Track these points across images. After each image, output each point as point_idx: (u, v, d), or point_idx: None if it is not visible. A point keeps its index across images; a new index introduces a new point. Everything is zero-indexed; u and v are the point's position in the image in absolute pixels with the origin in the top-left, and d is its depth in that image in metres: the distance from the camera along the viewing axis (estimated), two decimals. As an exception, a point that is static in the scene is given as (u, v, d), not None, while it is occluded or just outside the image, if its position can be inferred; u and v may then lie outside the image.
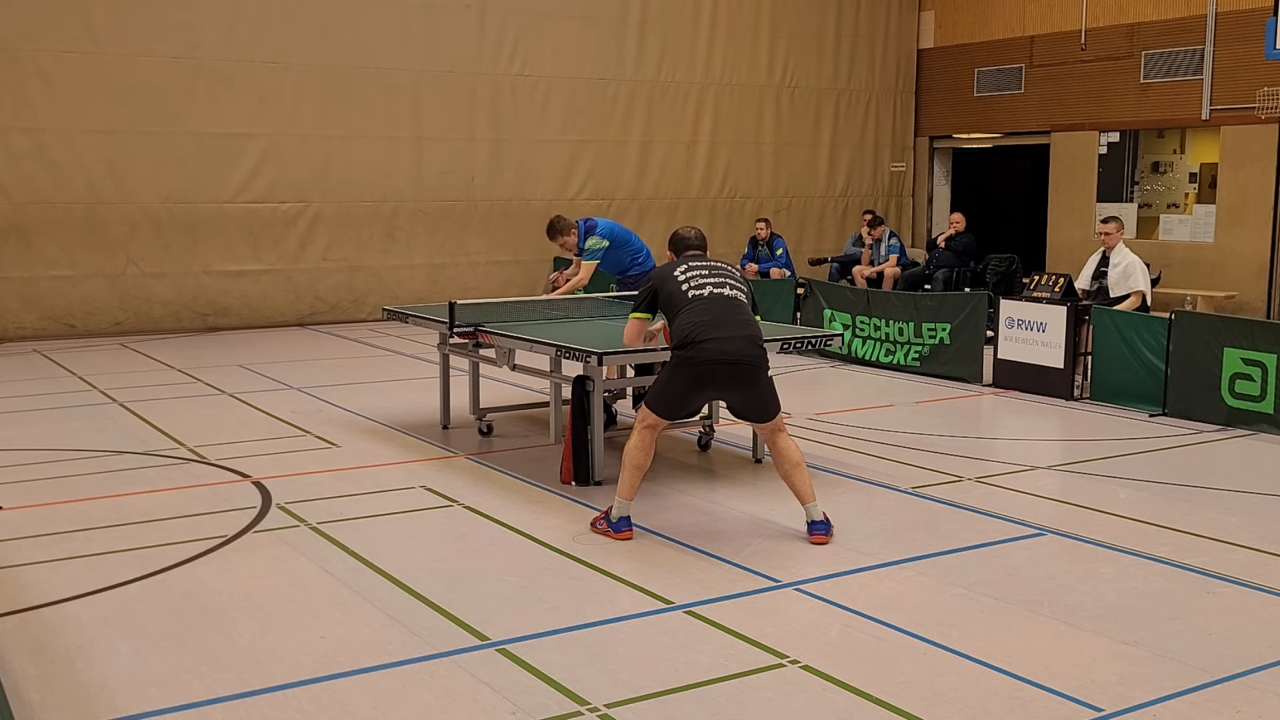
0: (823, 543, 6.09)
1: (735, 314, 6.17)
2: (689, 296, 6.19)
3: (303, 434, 8.80)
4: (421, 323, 8.92)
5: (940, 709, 4.21)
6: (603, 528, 6.23)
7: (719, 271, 6.37)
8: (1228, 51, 15.53)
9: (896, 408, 9.96)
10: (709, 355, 6.01)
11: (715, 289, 6.23)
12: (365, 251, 15.88)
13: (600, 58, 17.22)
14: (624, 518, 6.19)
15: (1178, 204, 17.70)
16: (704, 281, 6.26)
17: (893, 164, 20.06)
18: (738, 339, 6.06)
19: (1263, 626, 5.03)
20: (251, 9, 14.80)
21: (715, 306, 6.14)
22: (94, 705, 4.25)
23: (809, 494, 6.16)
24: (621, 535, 6.15)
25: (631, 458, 6.20)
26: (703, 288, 6.22)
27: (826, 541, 6.10)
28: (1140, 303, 10.52)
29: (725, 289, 6.25)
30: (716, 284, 6.25)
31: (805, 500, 6.16)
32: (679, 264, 6.42)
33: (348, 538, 6.21)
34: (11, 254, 13.80)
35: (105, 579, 5.56)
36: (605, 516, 6.27)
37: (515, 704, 4.25)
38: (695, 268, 6.35)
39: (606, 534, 6.19)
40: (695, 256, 6.53)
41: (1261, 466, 8.03)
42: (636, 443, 6.22)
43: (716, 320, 6.08)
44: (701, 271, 6.32)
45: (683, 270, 6.33)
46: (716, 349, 6.01)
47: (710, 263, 6.42)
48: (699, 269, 6.34)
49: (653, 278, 6.47)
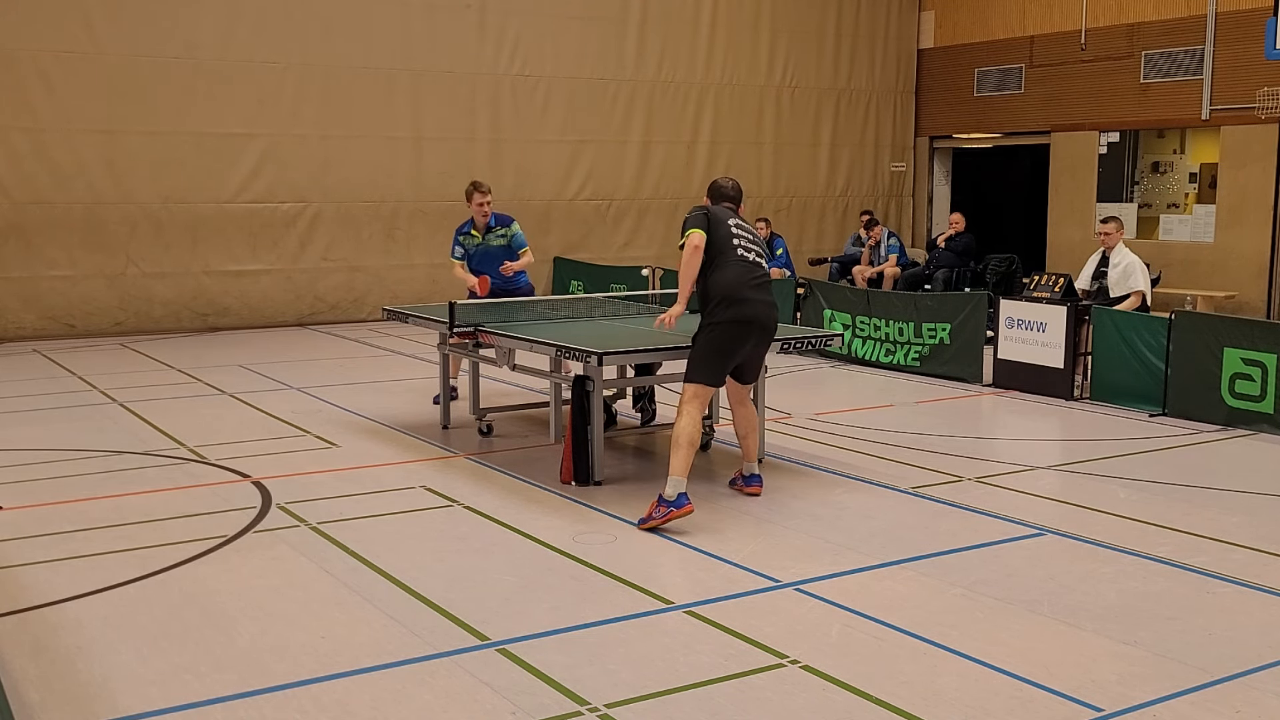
0: (756, 494, 6.86)
1: (767, 281, 6.76)
2: (737, 253, 6.64)
3: (303, 434, 8.81)
4: (421, 323, 8.92)
5: (940, 709, 4.21)
6: (661, 513, 6.28)
7: (755, 240, 6.83)
8: (1228, 51, 15.53)
9: (896, 408, 9.96)
10: (754, 314, 6.57)
11: (757, 256, 6.74)
12: (365, 251, 15.88)
13: (600, 58, 17.22)
14: (682, 494, 6.30)
15: (1178, 204, 17.70)
16: (750, 246, 6.73)
17: (893, 164, 20.06)
18: (769, 304, 6.70)
19: (1263, 626, 5.03)
20: (251, 9, 14.80)
21: (756, 272, 6.67)
22: (94, 705, 4.25)
23: (756, 453, 7.06)
24: (684, 511, 6.26)
25: (686, 436, 6.43)
26: (749, 250, 6.70)
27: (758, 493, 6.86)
28: (1140, 303, 10.52)
29: (752, 254, 6.71)
30: (758, 253, 6.76)
31: (750, 458, 7.01)
32: (724, 214, 6.76)
33: (348, 538, 6.21)
34: (11, 254, 13.81)
35: (105, 579, 5.56)
36: (660, 502, 6.32)
37: (515, 704, 4.25)
38: (740, 227, 6.76)
39: (669, 517, 6.26)
40: (732, 212, 6.87)
41: (1261, 466, 8.03)
42: (688, 420, 6.48)
43: (761, 284, 6.66)
44: (746, 235, 6.76)
45: (733, 224, 6.73)
46: (762, 312, 6.61)
47: (745, 225, 6.82)
48: (743, 231, 6.76)
49: (706, 213, 6.76)
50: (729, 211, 6.85)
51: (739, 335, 6.58)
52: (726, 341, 6.57)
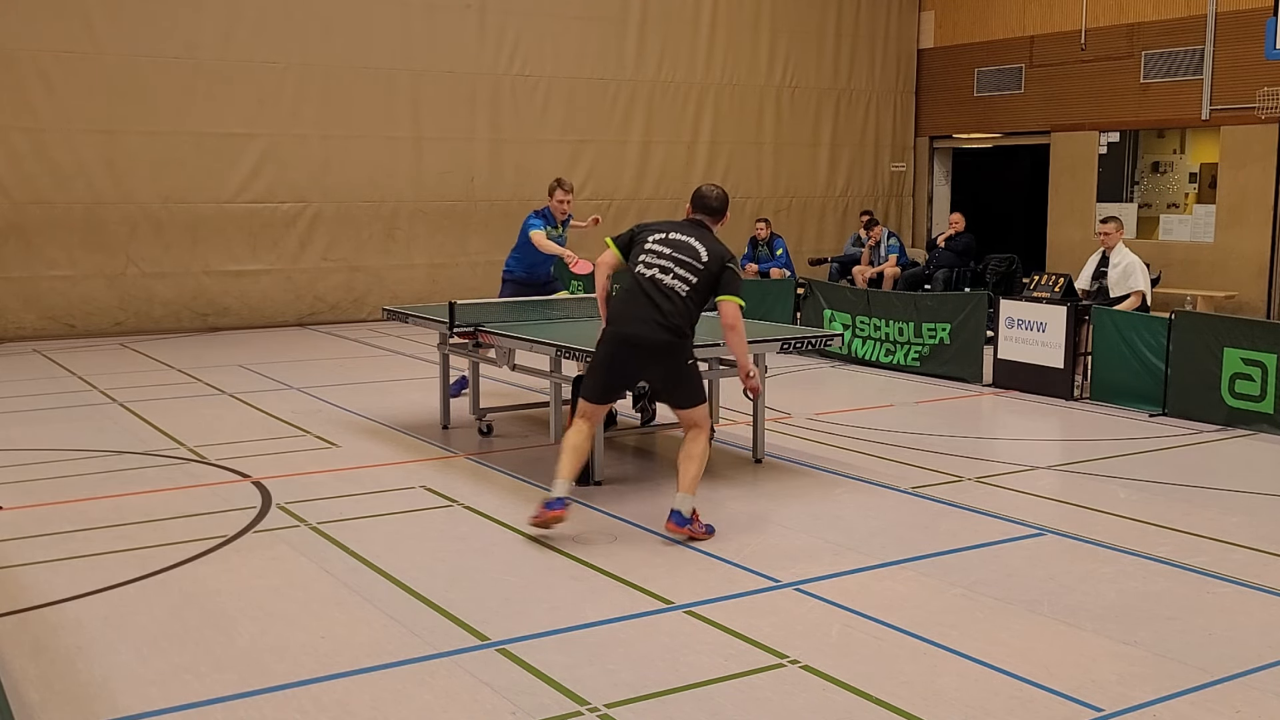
0: (672, 532, 6.10)
1: (655, 300, 6.15)
2: (635, 269, 6.28)
3: (303, 434, 8.80)
4: (421, 323, 8.92)
5: (940, 709, 4.21)
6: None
7: (682, 254, 6.22)
8: (1228, 51, 15.53)
9: (896, 408, 9.96)
10: (611, 337, 6.25)
11: (661, 273, 6.19)
12: (365, 251, 15.88)
13: (600, 58, 17.22)
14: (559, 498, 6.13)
15: (1178, 204, 17.70)
16: (655, 262, 6.23)
17: (893, 164, 20.06)
18: (653, 324, 6.13)
19: (1263, 626, 5.03)
20: (251, 9, 14.80)
21: (644, 290, 6.18)
22: (94, 705, 4.25)
23: (688, 485, 6.16)
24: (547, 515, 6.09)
25: (566, 440, 6.34)
26: (651, 267, 6.23)
27: (676, 533, 6.09)
28: (1140, 303, 10.51)
29: (668, 276, 6.18)
30: (664, 268, 6.19)
31: (680, 488, 6.18)
32: (664, 228, 6.40)
33: (348, 538, 6.21)
34: (11, 254, 13.80)
35: (105, 579, 5.56)
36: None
37: (515, 704, 4.25)
38: (667, 242, 6.28)
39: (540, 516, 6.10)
40: (688, 226, 6.39)
41: (1261, 466, 8.03)
42: (571, 428, 6.37)
43: (634, 302, 6.19)
44: (665, 250, 6.25)
45: (658, 239, 6.31)
46: (638, 331, 6.15)
47: (687, 241, 6.27)
48: (667, 245, 6.27)
49: (635, 230, 6.53)
50: (679, 225, 6.39)
51: (614, 354, 6.26)
52: (603, 358, 6.32)
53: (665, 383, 6.32)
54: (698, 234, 6.32)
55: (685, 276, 6.18)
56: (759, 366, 7.87)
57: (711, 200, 6.49)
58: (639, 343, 6.16)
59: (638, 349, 6.18)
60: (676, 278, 6.17)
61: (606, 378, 6.33)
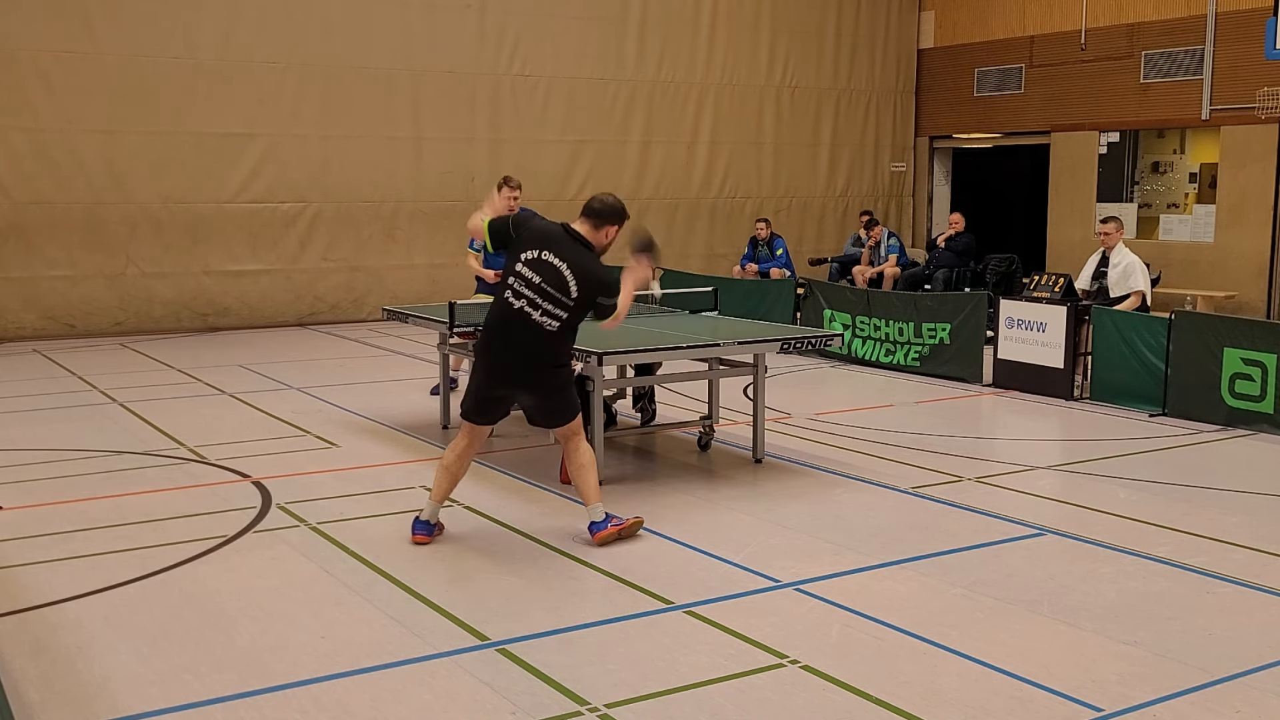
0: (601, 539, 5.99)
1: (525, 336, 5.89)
2: (504, 293, 5.93)
3: (303, 434, 8.80)
4: (421, 323, 8.92)
5: (940, 709, 4.21)
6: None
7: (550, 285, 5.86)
8: (1228, 51, 15.53)
9: (896, 408, 9.96)
10: (485, 367, 6.02)
11: (529, 306, 5.85)
12: (365, 251, 15.88)
13: (600, 58, 17.22)
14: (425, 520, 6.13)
15: (1178, 204, 17.70)
16: (523, 292, 5.87)
17: (893, 164, 20.06)
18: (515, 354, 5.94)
19: (1263, 626, 5.03)
20: (251, 9, 14.80)
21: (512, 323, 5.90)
22: (94, 705, 4.25)
23: (591, 495, 6.07)
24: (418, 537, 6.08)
25: (441, 462, 6.21)
26: (520, 297, 5.87)
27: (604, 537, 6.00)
28: (1140, 303, 10.51)
29: (536, 311, 5.84)
30: (532, 301, 5.85)
31: (586, 501, 6.08)
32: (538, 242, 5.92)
33: (348, 538, 6.21)
34: (11, 254, 13.81)
35: (105, 579, 5.56)
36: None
37: (515, 704, 4.25)
38: (538, 265, 5.87)
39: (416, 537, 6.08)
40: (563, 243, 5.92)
41: (1261, 466, 8.03)
42: (449, 448, 6.23)
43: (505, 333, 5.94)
44: (534, 278, 5.87)
45: (529, 259, 5.90)
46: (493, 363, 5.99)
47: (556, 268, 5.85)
48: (537, 270, 5.87)
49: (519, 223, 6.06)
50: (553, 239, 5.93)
51: (488, 382, 6.06)
52: (479, 383, 6.10)
53: (539, 408, 6.15)
54: (571, 256, 5.88)
55: (554, 312, 5.86)
56: (760, 367, 7.88)
57: (594, 204, 6.06)
58: (511, 376, 5.97)
59: (511, 381, 6.00)
60: (545, 314, 5.85)
61: (482, 401, 6.09)
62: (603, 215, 6.01)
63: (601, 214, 6.00)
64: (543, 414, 6.17)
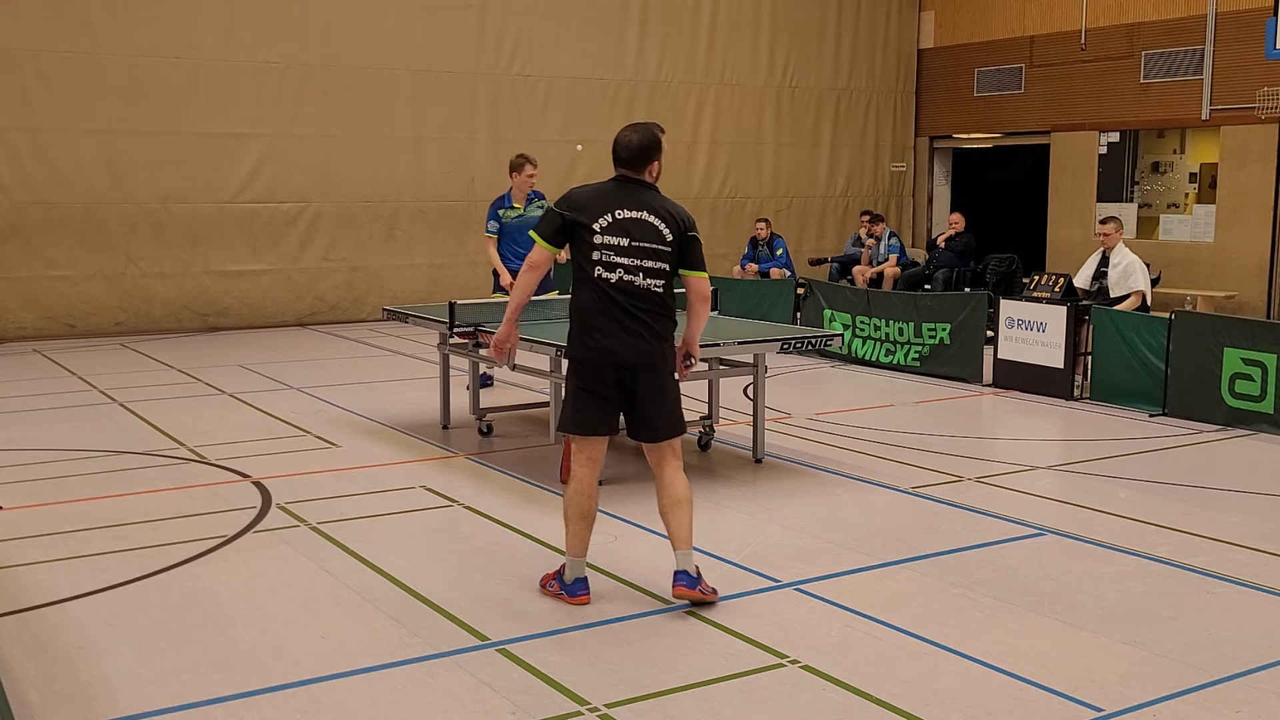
0: (684, 597, 5.12)
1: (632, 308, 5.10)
2: (593, 272, 5.11)
3: (303, 434, 8.80)
4: (421, 323, 8.92)
5: (940, 709, 4.21)
6: (554, 589, 5.30)
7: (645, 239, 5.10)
8: (1228, 51, 15.53)
9: (896, 408, 9.96)
10: (597, 357, 5.15)
11: (628, 274, 5.08)
12: (365, 251, 15.88)
13: (600, 58, 17.22)
14: (579, 579, 5.26)
15: (1178, 204, 17.70)
16: (618, 261, 5.08)
17: (893, 164, 20.06)
18: (635, 334, 5.11)
19: (1263, 626, 5.03)
20: (251, 9, 14.80)
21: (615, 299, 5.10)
22: (94, 705, 4.25)
23: (683, 539, 5.16)
24: (577, 599, 5.22)
25: (569, 505, 5.23)
26: (613, 269, 5.08)
27: (690, 596, 5.12)
28: (1140, 303, 10.52)
29: (638, 275, 5.09)
30: (630, 267, 5.08)
31: (676, 546, 5.17)
32: (606, 205, 5.13)
33: (348, 538, 6.21)
34: (11, 254, 13.81)
35: (105, 579, 5.56)
36: (558, 575, 5.34)
37: (515, 704, 4.24)
38: (621, 227, 5.09)
39: (559, 596, 5.26)
40: (632, 193, 5.17)
41: (1261, 466, 8.03)
42: (572, 484, 5.24)
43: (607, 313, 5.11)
44: (622, 241, 5.08)
45: (606, 225, 5.10)
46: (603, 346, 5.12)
47: (643, 219, 5.11)
48: (622, 233, 5.09)
49: (568, 205, 5.18)
50: (620, 195, 5.15)
51: (590, 382, 5.19)
52: (579, 388, 5.22)
53: (650, 400, 5.19)
54: (648, 202, 5.15)
55: (656, 268, 5.10)
56: (760, 367, 7.88)
57: (619, 149, 5.18)
58: (620, 358, 5.12)
59: (619, 362, 5.13)
60: (649, 274, 5.10)
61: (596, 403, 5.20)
62: (642, 156, 5.18)
63: (638, 156, 5.17)
64: (653, 408, 5.19)
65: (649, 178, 5.22)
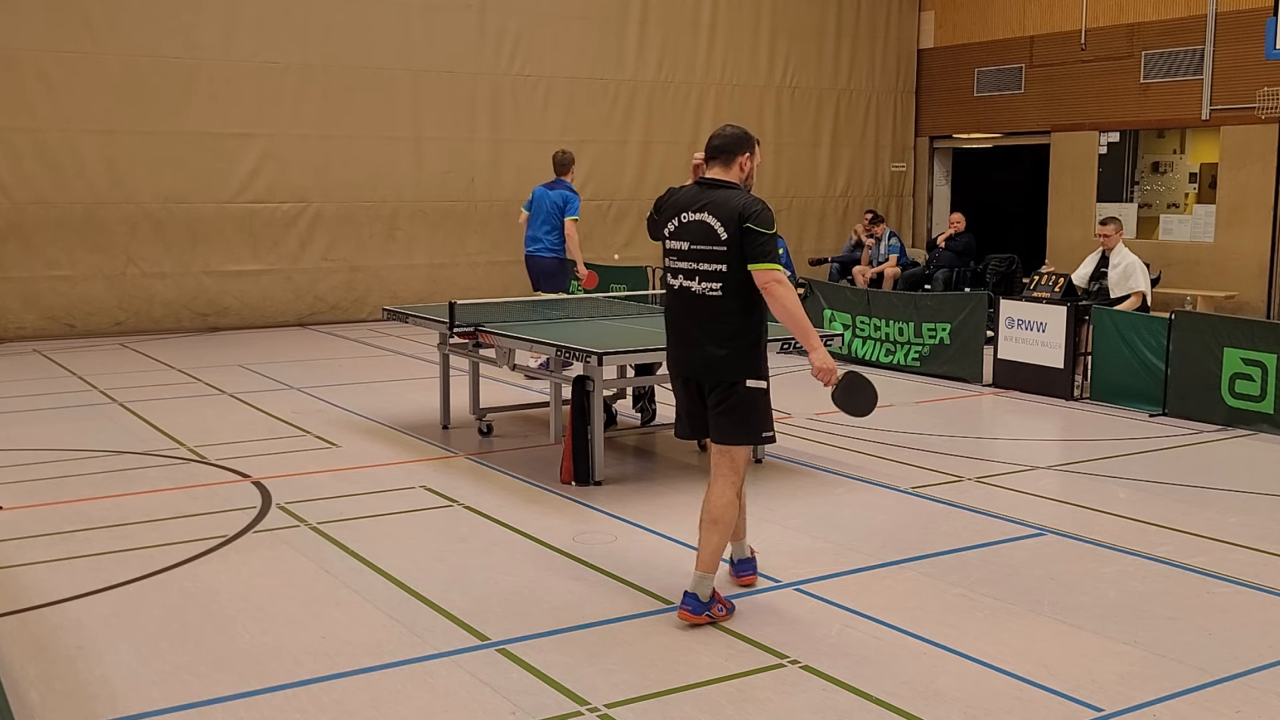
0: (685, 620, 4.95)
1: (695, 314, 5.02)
2: (667, 278, 5.14)
3: (303, 434, 8.80)
4: (421, 323, 8.92)
5: (940, 709, 4.21)
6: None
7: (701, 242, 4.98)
8: (1228, 51, 15.53)
9: (896, 408, 9.96)
10: (675, 357, 5.19)
11: (687, 279, 5.03)
12: (365, 251, 15.89)
13: (600, 58, 17.22)
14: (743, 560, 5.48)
15: (1178, 204, 17.70)
16: (679, 266, 5.05)
17: (893, 164, 20.06)
18: (693, 341, 5.05)
19: (1263, 626, 5.03)
20: (251, 9, 14.80)
21: (675, 306, 5.11)
22: (95, 705, 4.25)
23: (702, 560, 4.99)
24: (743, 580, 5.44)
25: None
26: (676, 275, 5.08)
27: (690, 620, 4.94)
28: (1140, 303, 10.52)
29: (695, 281, 5.00)
30: (689, 272, 5.02)
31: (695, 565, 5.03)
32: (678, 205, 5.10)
33: (348, 538, 6.21)
34: (11, 254, 13.81)
35: (105, 579, 5.56)
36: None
37: (515, 704, 4.25)
38: (684, 231, 5.03)
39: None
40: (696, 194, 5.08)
41: (1261, 466, 8.03)
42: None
43: (674, 322, 5.14)
44: (682, 246, 5.03)
45: (674, 229, 5.09)
46: (682, 355, 5.13)
47: (700, 221, 4.99)
48: (685, 237, 5.03)
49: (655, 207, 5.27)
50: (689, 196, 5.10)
51: (677, 384, 5.21)
52: (675, 389, 5.26)
53: (713, 410, 5.05)
54: (711, 201, 5.02)
55: (712, 270, 4.95)
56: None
57: (714, 140, 5.22)
58: (688, 369, 5.08)
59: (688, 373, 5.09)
60: (704, 278, 4.97)
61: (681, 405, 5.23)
62: (726, 149, 5.16)
63: (724, 149, 5.16)
64: (717, 413, 5.04)
65: (736, 175, 5.18)
